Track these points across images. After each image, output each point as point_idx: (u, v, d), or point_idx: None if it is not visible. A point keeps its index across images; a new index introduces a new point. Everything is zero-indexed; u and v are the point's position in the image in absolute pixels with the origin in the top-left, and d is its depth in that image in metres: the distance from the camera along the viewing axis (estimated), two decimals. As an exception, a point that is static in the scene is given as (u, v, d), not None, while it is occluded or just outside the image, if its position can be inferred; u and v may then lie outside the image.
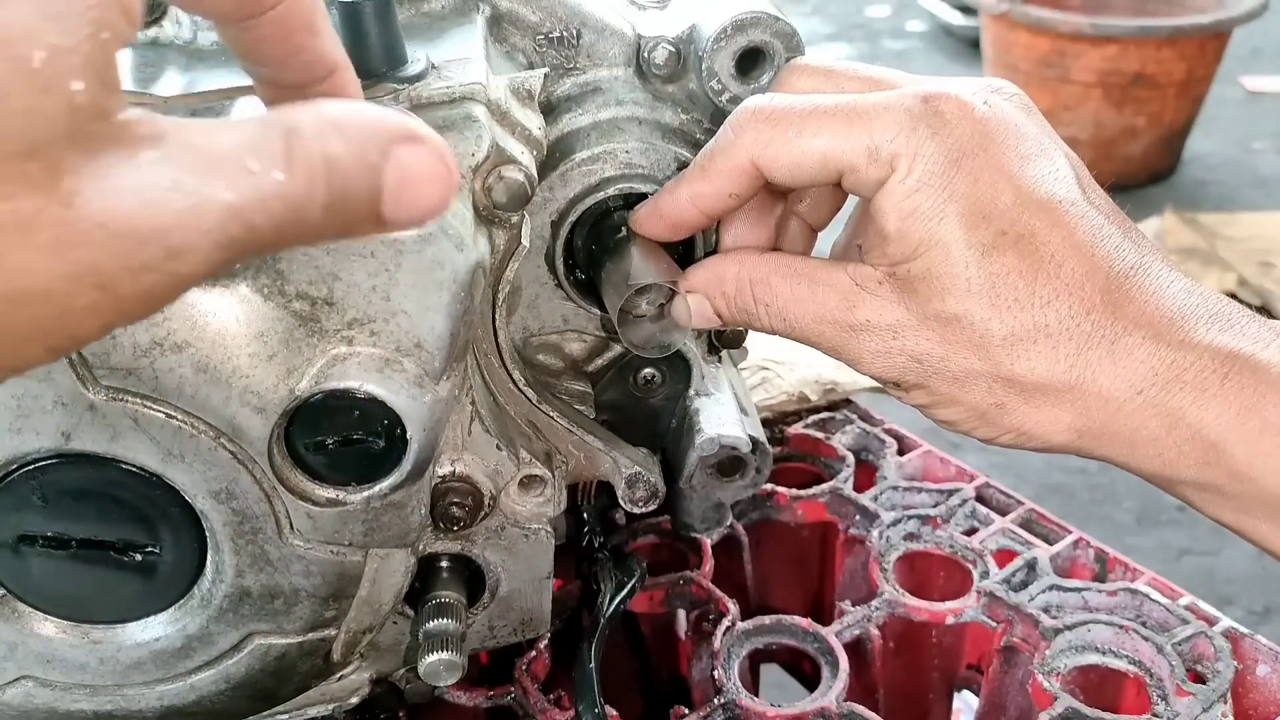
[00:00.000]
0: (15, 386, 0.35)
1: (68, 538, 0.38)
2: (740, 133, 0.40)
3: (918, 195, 0.38)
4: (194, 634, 0.40)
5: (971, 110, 0.39)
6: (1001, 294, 0.39)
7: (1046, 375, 0.39)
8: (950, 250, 0.39)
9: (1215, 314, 0.39)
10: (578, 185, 0.45)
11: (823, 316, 0.41)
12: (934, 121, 0.39)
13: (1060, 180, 0.40)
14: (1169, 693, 0.51)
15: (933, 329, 0.40)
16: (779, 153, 0.40)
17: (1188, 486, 0.40)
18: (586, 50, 0.45)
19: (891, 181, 0.39)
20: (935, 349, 0.40)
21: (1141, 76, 2.60)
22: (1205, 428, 0.38)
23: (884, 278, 0.40)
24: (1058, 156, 0.40)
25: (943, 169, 0.38)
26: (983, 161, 0.39)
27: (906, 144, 0.38)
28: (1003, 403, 0.40)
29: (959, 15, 3.54)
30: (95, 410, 0.35)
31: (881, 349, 0.41)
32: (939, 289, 0.39)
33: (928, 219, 0.39)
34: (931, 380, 0.41)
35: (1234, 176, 2.84)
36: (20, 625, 0.39)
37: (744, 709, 0.50)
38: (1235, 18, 2.62)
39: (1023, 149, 0.39)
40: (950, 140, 0.38)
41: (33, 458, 0.36)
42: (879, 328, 0.41)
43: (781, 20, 0.43)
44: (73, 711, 0.41)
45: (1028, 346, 0.39)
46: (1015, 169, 0.39)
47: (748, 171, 0.41)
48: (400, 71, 0.38)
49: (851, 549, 0.62)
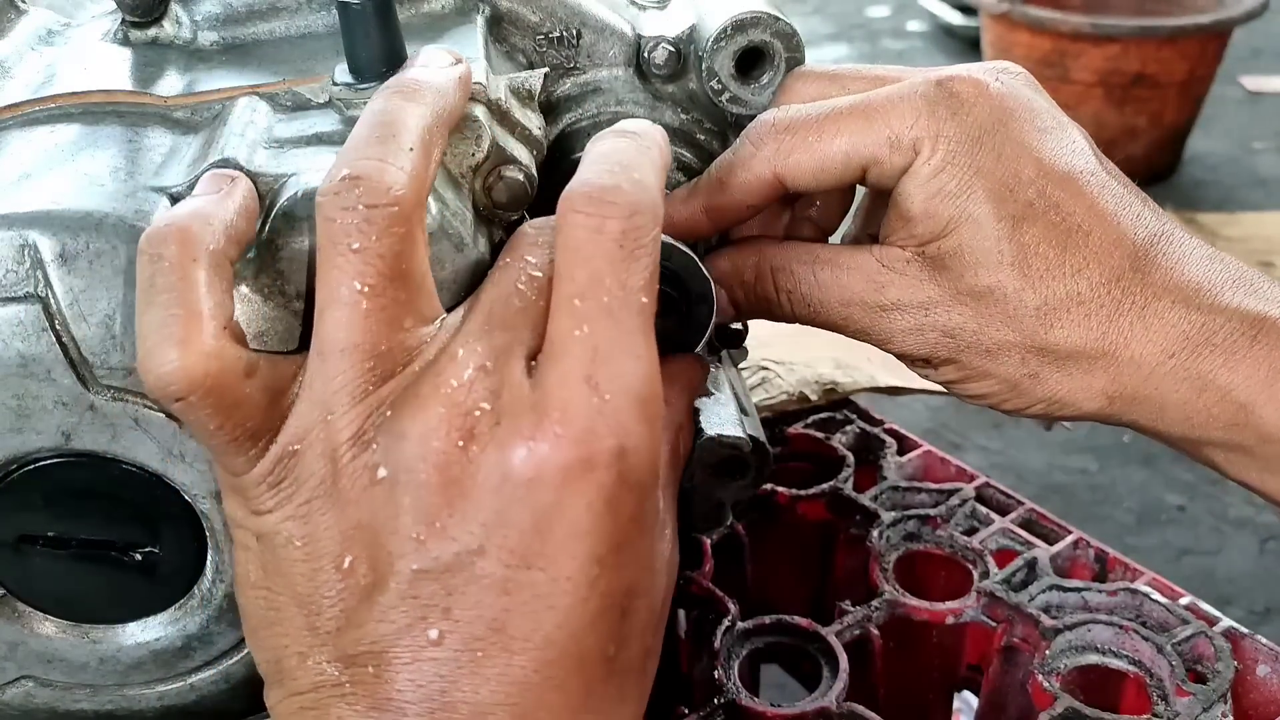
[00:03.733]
0: (15, 386, 0.35)
1: (68, 538, 0.38)
2: (760, 145, 0.41)
3: (943, 175, 0.39)
4: (194, 634, 0.40)
5: (986, 89, 0.40)
6: (1033, 265, 0.39)
7: (1080, 343, 0.39)
8: (981, 225, 0.39)
9: (1239, 279, 0.40)
10: (578, 185, 0.45)
11: (849, 299, 0.41)
12: (951, 103, 0.39)
13: (1078, 152, 0.40)
14: (1169, 693, 0.51)
15: (965, 304, 0.40)
16: (801, 160, 0.40)
17: (1215, 448, 0.41)
18: (586, 50, 0.45)
19: (916, 164, 0.39)
20: (969, 323, 0.40)
21: (1142, 76, 2.60)
22: (1235, 390, 0.39)
23: (912, 257, 0.41)
24: (1072, 130, 0.41)
25: (966, 147, 0.39)
26: (1003, 137, 0.39)
27: (927, 127, 0.39)
28: (1036, 373, 0.40)
29: (959, 15, 3.54)
30: (96, 410, 0.35)
31: (913, 326, 0.41)
32: (971, 263, 0.39)
33: (956, 196, 0.39)
34: (963, 355, 0.41)
35: (1234, 176, 2.83)
36: (21, 625, 0.39)
37: (744, 709, 0.50)
38: (1235, 18, 2.62)
39: (1039, 123, 0.40)
40: (970, 119, 0.39)
41: (33, 458, 0.36)
42: (910, 306, 0.41)
43: (781, 20, 0.43)
44: (73, 711, 0.41)
45: (1061, 315, 0.39)
46: (1035, 142, 0.40)
47: (769, 183, 0.41)
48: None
49: (851, 549, 0.62)
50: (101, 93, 0.40)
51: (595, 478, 0.31)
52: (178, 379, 0.30)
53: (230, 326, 0.31)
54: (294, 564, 0.32)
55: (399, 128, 0.32)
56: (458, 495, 0.30)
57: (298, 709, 0.32)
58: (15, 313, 0.34)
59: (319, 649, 0.32)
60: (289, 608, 0.32)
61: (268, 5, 0.44)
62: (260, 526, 0.32)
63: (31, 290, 0.34)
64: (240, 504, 0.33)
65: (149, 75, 0.41)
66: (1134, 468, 1.97)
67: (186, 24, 0.44)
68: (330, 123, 0.38)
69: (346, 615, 0.31)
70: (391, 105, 0.33)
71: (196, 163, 0.36)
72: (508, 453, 0.30)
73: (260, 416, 0.32)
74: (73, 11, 0.47)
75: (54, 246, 0.34)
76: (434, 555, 0.31)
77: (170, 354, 0.30)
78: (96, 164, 0.37)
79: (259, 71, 0.41)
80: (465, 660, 0.31)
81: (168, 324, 0.30)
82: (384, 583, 0.31)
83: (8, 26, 0.45)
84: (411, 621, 0.31)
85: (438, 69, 0.35)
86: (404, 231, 0.31)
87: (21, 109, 0.40)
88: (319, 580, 0.31)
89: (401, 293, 0.31)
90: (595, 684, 0.32)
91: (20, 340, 0.34)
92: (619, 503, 0.31)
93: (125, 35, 0.44)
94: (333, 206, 0.31)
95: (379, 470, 0.31)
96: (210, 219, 0.32)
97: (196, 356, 0.30)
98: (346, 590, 0.31)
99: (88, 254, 0.34)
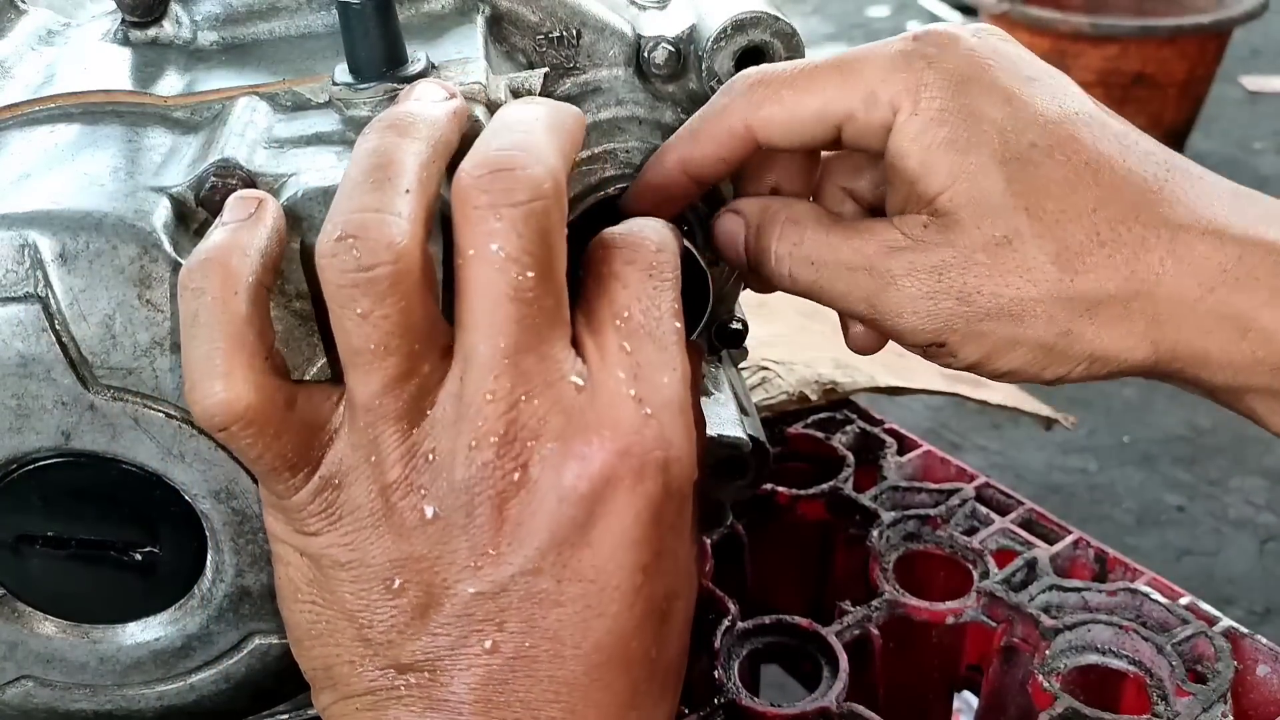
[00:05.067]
0: (15, 386, 0.35)
1: (68, 538, 0.38)
2: (732, 96, 0.40)
3: (934, 124, 0.38)
4: (194, 634, 0.40)
5: (960, 39, 0.39)
6: (1046, 208, 0.37)
7: (1111, 286, 0.37)
8: (984, 170, 0.37)
9: (1270, 214, 0.38)
10: (578, 185, 0.45)
11: (857, 264, 0.39)
12: (928, 53, 0.38)
13: (1071, 96, 0.39)
14: (1169, 693, 0.51)
15: (979, 260, 0.37)
16: (773, 113, 0.39)
17: (1259, 396, 0.38)
18: (586, 50, 0.45)
19: (900, 119, 0.38)
20: (985, 283, 0.37)
21: (1142, 76, 2.60)
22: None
23: (927, 220, 0.38)
24: (1060, 77, 0.40)
25: (951, 94, 0.38)
26: (989, 83, 0.38)
27: (905, 80, 0.38)
28: (1069, 329, 0.38)
29: (959, 15, 3.54)
30: (95, 410, 0.35)
31: (925, 292, 0.38)
32: (980, 213, 0.37)
33: (952, 144, 0.38)
34: (983, 325, 0.38)
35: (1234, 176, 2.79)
36: (20, 625, 0.39)
37: (744, 709, 0.50)
38: (1235, 18, 2.62)
39: (1024, 71, 0.39)
40: (949, 66, 0.38)
41: (33, 458, 0.36)
42: (922, 270, 0.38)
43: (781, 20, 0.43)
44: (73, 711, 0.41)
45: (1084, 259, 0.37)
46: (1023, 88, 0.38)
47: (739, 134, 0.40)
48: (400, 71, 0.38)
49: (851, 549, 0.62)
50: (101, 93, 0.40)
51: (644, 489, 0.32)
52: (222, 410, 0.31)
53: (272, 357, 0.32)
54: (342, 583, 0.32)
55: (395, 169, 0.32)
56: (514, 523, 0.31)
57: (354, 710, 0.33)
58: (15, 313, 0.34)
59: (371, 658, 0.32)
60: (338, 620, 0.33)
61: (268, 5, 0.44)
62: (306, 546, 0.33)
63: (31, 290, 0.34)
64: (284, 522, 0.33)
65: (149, 75, 0.41)
66: (1133, 468, 1.98)
67: (186, 24, 0.44)
68: (330, 123, 0.38)
69: (399, 630, 0.32)
70: (386, 143, 0.32)
71: (196, 162, 0.36)
72: (562, 473, 0.31)
73: (301, 446, 0.32)
74: (73, 11, 0.47)
75: (54, 246, 0.34)
76: (490, 579, 0.31)
77: (215, 386, 0.31)
78: (96, 164, 0.37)
79: (259, 71, 0.41)
80: (519, 665, 0.32)
81: (212, 357, 0.31)
82: (438, 604, 0.32)
83: (8, 26, 0.45)
84: (466, 634, 0.32)
85: (431, 102, 0.34)
86: (408, 285, 0.31)
87: (21, 109, 0.40)
88: (369, 599, 0.32)
89: (415, 343, 0.31)
90: (640, 683, 0.33)
91: (20, 340, 0.34)
92: (663, 511, 0.32)
93: (125, 35, 0.44)
94: (332, 270, 0.31)
95: (428, 510, 0.31)
96: (247, 249, 0.32)
97: (241, 388, 0.31)
98: (398, 609, 0.32)
99: (88, 254, 0.34)
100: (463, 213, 0.31)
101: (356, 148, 0.33)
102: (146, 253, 0.34)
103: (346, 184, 0.32)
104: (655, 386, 0.32)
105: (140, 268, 0.34)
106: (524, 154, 0.31)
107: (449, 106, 0.34)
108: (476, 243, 0.31)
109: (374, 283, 0.30)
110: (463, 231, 0.31)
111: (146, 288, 0.34)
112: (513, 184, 0.31)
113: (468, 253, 0.31)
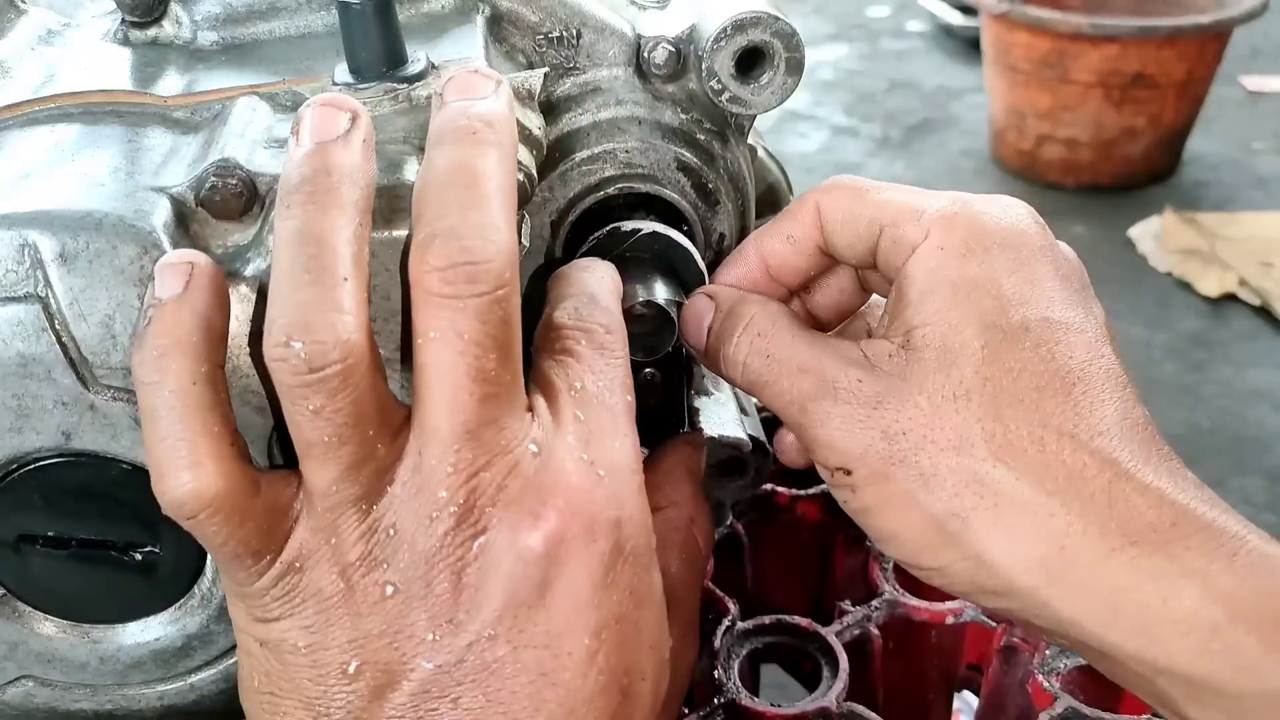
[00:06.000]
0: (15, 386, 0.35)
1: (68, 537, 0.38)
2: (815, 189, 0.42)
3: (950, 262, 0.38)
4: (194, 634, 0.40)
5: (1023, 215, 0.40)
6: (1006, 389, 0.36)
7: (1027, 491, 0.35)
8: (969, 324, 0.37)
9: (1206, 497, 0.35)
10: (578, 185, 0.45)
11: (809, 366, 0.38)
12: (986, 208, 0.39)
13: (1088, 316, 0.38)
14: (1169, 692, 0.51)
15: (920, 405, 0.36)
16: (839, 198, 0.41)
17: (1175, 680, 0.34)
18: (586, 50, 0.45)
19: (924, 246, 0.38)
20: (914, 428, 0.36)
21: (1141, 76, 2.59)
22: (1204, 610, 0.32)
23: (895, 350, 0.38)
24: (1093, 303, 0.39)
25: (981, 248, 0.38)
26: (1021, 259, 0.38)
27: (952, 217, 0.39)
28: (966, 516, 0.35)
29: (959, 15, 3.54)
30: (96, 410, 0.35)
31: (856, 416, 0.37)
32: (946, 361, 0.36)
33: (954, 289, 0.37)
34: (893, 470, 0.36)
35: (1234, 176, 2.83)
36: (21, 625, 0.39)
37: (744, 709, 0.50)
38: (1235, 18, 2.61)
39: (1060, 270, 0.39)
40: (995, 226, 0.39)
41: (33, 458, 0.36)
42: (863, 395, 0.37)
43: (781, 20, 0.43)
44: (73, 711, 0.41)
45: (1016, 456, 0.35)
46: (1049, 281, 0.38)
47: (809, 213, 0.42)
48: (400, 71, 0.38)
49: (851, 549, 0.62)
50: (101, 93, 0.40)
51: (596, 548, 0.33)
52: (192, 499, 0.31)
53: (236, 442, 0.32)
54: (300, 670, 0.33)
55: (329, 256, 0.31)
56: (472, 589, 0.32)
57: None
58: (15, 313, 0.34)
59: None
60: (297, 710, 0.33)
61: (268, 5, 0.44)
62: (265, 634, 0.33)
63: (31, 290, 0.34)
64: (245, 611, 0.34)
65: (149, 75, 0.41)
66: (1134, 468, 1.97)
67: (186, 24, 0.44)
68: (330, 123, 0.38)
69: (355, 716, 0.32)
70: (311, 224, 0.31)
71: (196, 163, 0.36)
72: (518, 533, 0.32)
73: (264, 532, 0.32)
74: (73, 11, 0.47)
75: (54, 246, 0.34)
76: (448, 649, 0.32)
77: (184, 476, 0.31)
78: (96, 164, 0.37)
79: (259, 71, 0.41)
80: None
81: (178, 449, 0.31)
82: (396, 683, 0.32)
83: (8, 26, 0.45)
84: (422, 715, 0.32)
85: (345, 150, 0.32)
86: (358, 377, 0.31)
87: (21, 109, 0.40)
88: (326, 684, 0.32)
89: (369, 429, 0.32)
90: None
91: (20, 340, 0.34)
92: (617, 572, 0.33)
93: (125, 35, 0.44)
94: (282, 372, 0.30)
95: (388, 588, 0.32)
96: (191, 332, 0.32)
97: (209, 477, 0.31)
98: (354, 694, 0.32)
99: (88, 254, 0.34)
100: (423, 299, 0.31)
101: (279, 224, 0.32)
102: (146, 253, 0.34)
103: (280, 273, 0.31)
104: (607, 450, 0.34)
105: (140, 268, 0.34)
106: (483, 243, 0.31)
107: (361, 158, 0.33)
108: (439, 327, 0.31)
109: (324, 381, 0.30)
110: (423, 315, 0.31)
111: (146, 288, 0.34)
112: (475, 276, 0.31)
113: (429, 334, 0.31)
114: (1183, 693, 0.34)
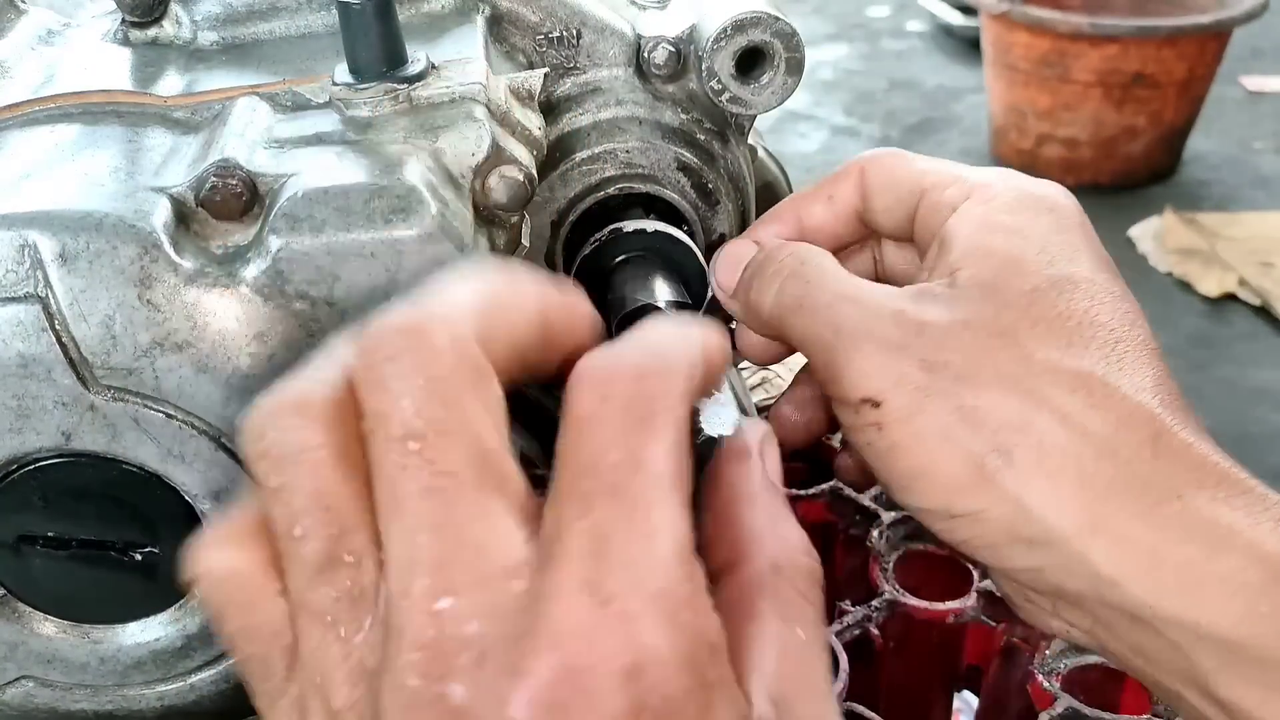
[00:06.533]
0: (15, 386, 0.35)
1: (68, 538, 0.38)
2: (860, 156, 0.42)
3: (998, 214, 0.38)
4: (194, 634, 0.40)
5: (1061, 195, 0.40)
6: (1054, 333, 0.34)
7: (1074, 434, 0.33)
8: (1017, 268, 0.36)
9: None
10: (578, 185, 0.45)
11: (849, 295, 0.36)
12: (1026, 183, 0.40)
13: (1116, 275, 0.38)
14: (1169, 692, 0.51)
15: (965, 339, 0.34)
16: (885, 163, 0.41)
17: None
18: (586, 50, 0.45)
19: (967, 204, 0.39)
20: (958, 359, 0.34)
21: (1141, 76, 2.60)
22: None
23: (941, 290, 0.36)
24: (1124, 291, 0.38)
25: (1024, 207, 0.38)
26: (1058, 221, 0.38)
27: (993, 178, 0.39)
28: (1010, 452, 0.33)
29: (959, 15, 3.54)
30: (95, 410, 0.35)
31: (892, 341, 0.35)
32: (994, 300, 0.35)
33: (1007, 231, 0.37)
34: (930, 403, 0.34)
35: (1234, 176, 2.84)
36: (20, 625, 0.39)
37: (744, 709, 0.50)
38: (1235, 18, 2.62)
39: (1099, 252, 0.39)
40: (1033, 193, 0.39)
41: (33, 458, 0.36)
42: (905, 321, 0.35)
43: (781, 20, 0.43)
44: (73, 711, 0.41)
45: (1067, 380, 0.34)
46: (1089, 248, 0.38)
47: (854, 175, 0.42)
48: (400, 71, 0.38)
49: (851, 549, 0.62)
50: (101, 93, 0.40)
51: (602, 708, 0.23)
52: None
53: None
54: None
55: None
56: None
57: None
58: (15, 313, 0.34)
59: None
60: None
61: (268, 5, 0.44)
62: None
63: (31, 290, 0.34)
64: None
65: (149, 75, 0.42)
66: (1134, 468, 1.97)
67: (186, 24, 0.44)
68: (330, 123, 0.38)
69: None
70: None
71: (196, 163, 0.36)
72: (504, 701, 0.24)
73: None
74: (73, 11, 0.47)
75: (54, 246, 0.34)
76: None
77: None
78: (96, 164, 0.37)
79: (259, 71, 0.41)
80: None
81: None
82: None
83: (8, 26, 0.45)
84: None
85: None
86: None
87: (21, 109, 0.40)
88: None
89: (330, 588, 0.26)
90: None
91: (20, 340, 0.34)
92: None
93: (125, 35, 0.44)
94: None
95: None
96: None
97: None
98: None
99: (88, 254, 0.34)
100: None
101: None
102: (146, 253, 0.34)
103: None
104: (624, 564, 0.24)
105: (140, 268, 0.34)
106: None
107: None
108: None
109: None
110: None
111: (146, 288, 0.34)
112: None
113: None
114: (1221, 662, 0.32)
